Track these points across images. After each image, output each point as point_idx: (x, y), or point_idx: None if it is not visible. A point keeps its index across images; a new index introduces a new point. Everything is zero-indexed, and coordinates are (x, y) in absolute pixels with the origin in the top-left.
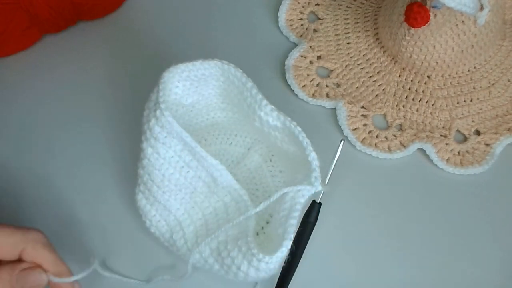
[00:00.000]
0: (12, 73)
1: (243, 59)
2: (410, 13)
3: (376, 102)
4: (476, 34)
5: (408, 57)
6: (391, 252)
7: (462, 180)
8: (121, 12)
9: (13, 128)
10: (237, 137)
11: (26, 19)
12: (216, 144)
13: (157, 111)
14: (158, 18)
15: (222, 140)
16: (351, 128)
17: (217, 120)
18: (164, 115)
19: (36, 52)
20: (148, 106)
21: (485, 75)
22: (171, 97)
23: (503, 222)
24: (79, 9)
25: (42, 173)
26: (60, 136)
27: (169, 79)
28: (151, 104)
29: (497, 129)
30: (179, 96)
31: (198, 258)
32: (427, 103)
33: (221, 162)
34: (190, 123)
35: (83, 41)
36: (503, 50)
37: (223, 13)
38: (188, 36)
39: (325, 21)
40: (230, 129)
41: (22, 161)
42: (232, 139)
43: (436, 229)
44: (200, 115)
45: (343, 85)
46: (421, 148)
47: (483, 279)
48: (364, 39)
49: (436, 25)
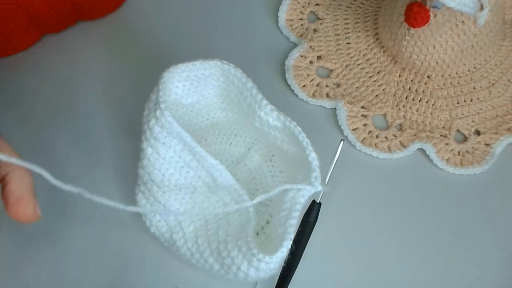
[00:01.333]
0: (12, 73)
1: (243, 59)
2: (410, 13)
3: (376, 102)
4: (476, 34)
5: (408, 57)
6: (391, 252)
7: (462, 180)
8: (121, 12)
9: (12, 128)
10: (237, 137)
11: (26, 19)
12: (216, 144)
13: (157, 111)
14: (158, 18)
15: (222, 140)
16: (351, 128)
17: (217, 120)
18: (164, 115)
19: (36, 52)
20: (148, 106)
21: (485, 75)
22: (171, 97)
23: (503, 222)
24: (79, 9)
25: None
26: (59, 136)
27: (169, 79)
28: (151, 104)
29: (497, 129)
30: (179, 96)
31: (198, 258)
32: (427, 103)
33: (221, 162)
34: (190, 123)
35: (83, 41)
36: (503, 50)
37: (223, 13)
38: (188, 36)
39: (325, 21)
40: (230, 129)
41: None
42: (232, 139)
43: (436, 229)
44: (200, 115)
45: (343, 85)
46: (421, 148)
47: (483, 279)
48: (364, 39)
49: (436, 25)
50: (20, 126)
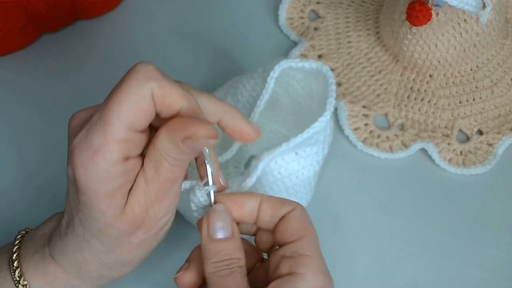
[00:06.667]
0: (9, 72)
1: (243, 58)
2: (412, 11)
3: (377, 102)
4: (478, 33)
5: (410, 56)
6: (392, 252)
7: (465, 180)
8: (119, 11)
9: (11, 128)
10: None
11: (23, 17)
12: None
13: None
14: (156, 16)
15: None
16: (352, 127)
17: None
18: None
19: (34, 51)
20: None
21: (487, 74)
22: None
23: (506, 222)
24: (77, 8)
25: (41, 173)
26: (58, 136)
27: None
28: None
29: (500, 129)
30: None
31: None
32: (429, 102)
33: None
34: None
35: (81, 40)
36: (505, 49)
37: (223, 11)
38: (188, 35)
39: (326, 19)
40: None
41: (20, 162)
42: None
43: (438, 229)
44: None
45: (344, 84)
46: (423, 148)
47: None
48: (365, 38)
49: (438, 23)
50: (18, 125)
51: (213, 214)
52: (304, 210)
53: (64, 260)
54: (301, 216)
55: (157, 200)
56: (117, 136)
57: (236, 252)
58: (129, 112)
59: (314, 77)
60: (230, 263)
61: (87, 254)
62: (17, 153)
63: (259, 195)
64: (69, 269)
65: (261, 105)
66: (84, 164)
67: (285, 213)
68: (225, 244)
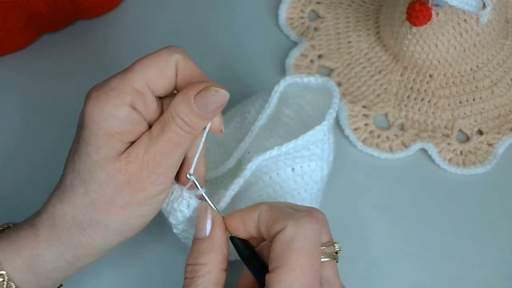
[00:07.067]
0: (9, 72)
1: (243, 58)
2: (412, 11)
3: (377, 102)
4: (478, 33)
5: (410, 56)
6: (393, 252)
7: (464, 180)
8: (119, 11)
9: (11, 128)
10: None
11: (23, 17)
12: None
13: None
14: (157, 16)
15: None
16: (352, 127)
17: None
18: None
19: (34, 51)
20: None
21: (487, 74)
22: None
23: (506, 222)
24: (77, 8)
25: (41, 173)
26: (58, 136)
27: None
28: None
29: (500, 129)
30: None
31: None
32: (429, 102)
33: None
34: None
35: (81, 40)
36: (505, 49)
37: (223, 12)
38: (188, 35)
39: (326, 19)
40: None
41: (21, 162)
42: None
43: (437, 229)
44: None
45: (344, 84)
46: (423, 148)
47: (486, 280)
48: (365, 38)
49: (438, 23)
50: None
51: (198, 212)
52: (298, 230)
53: (41, 217)
54: (289, 240)
55: (154, 160)
56: (134, 84)
57: (204, 256)
58: (152, 70)
59: (321, 95)
60: (192, 270)
61: (66, 207)
62: (17, 153)
63: (258, 209)
64: (40, 229)
65: (263, 118)
66: (98, 96)
67: (276, 232)
68: (197, 245)
